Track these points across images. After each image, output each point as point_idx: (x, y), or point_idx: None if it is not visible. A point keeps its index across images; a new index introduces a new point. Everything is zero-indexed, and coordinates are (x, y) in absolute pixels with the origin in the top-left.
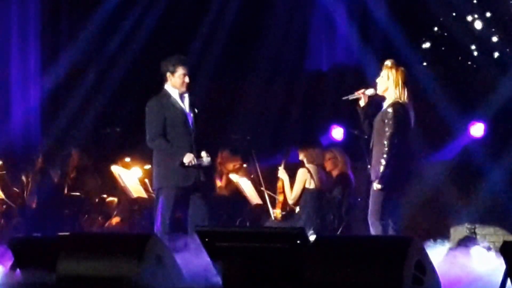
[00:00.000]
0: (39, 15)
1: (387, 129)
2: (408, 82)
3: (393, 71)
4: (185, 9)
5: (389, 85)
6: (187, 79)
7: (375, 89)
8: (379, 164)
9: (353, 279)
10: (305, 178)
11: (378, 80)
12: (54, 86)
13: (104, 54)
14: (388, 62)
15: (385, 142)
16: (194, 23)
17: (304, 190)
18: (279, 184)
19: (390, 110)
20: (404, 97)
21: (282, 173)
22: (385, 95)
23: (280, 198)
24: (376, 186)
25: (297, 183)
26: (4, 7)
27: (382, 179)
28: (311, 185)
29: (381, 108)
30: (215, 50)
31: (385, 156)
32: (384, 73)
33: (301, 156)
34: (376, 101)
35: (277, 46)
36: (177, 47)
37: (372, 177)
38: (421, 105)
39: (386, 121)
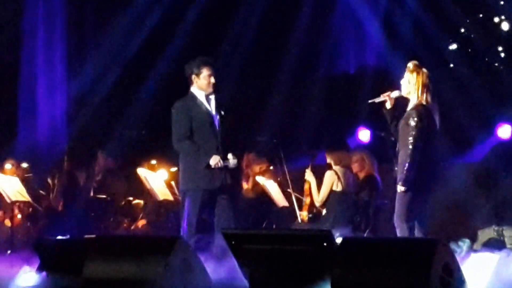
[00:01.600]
0: (64, 19)
1: (410, 131)
2: (431, 84)
3: (415, 73)
4: (212, 11)
5: (412, 88)
6: (212, 80)
7: (401, 91)
8: (404, 166)
9: (380, 281)
10: (332, 181)
11: (402, 83)
12: (80, 89)
13: (130, 58)
14: (410, 65)
15: (409, 145)
16: (221, 25)
17: (331, 192)
18: (306, 186)
19: (413, 113)
20: (428, 99)
21: (309, 176)
22: (409, 97)
23: (307, 200)
24: (399, 188)
25: (324, 185)
26: (31, 12)
27: (406, 182)
28: (338, 187)
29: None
30: (243, 52)
31: (408, 158)
32: (406, 76)
33: (328, 159)
34: (402, 103)
35: (305, 48)
36: (204, 49)
37: (398, 179)
38: (448, 107)
39: (409, 123)
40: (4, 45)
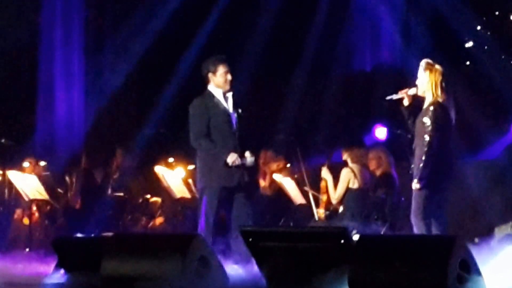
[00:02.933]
0: (83, 11)
1: (426, 129)
2: (446, 80)
3: (428, 71)
4: (230, 9)
5: (426, 86)
6: (229, 76)
7: (418, 89)
8: (420, 163)
9: (397, 278)
10: (348, 178)
11: (417, 83)
12: (98, 88)
13: (149, 55)
14: (422, 63)
15: (425, 142)
16: (239, 23)
17: (348, 189)
18: (323, 184)
19: (429, 110)
20: (443, 96)
21: (325, 173)
22: (425, 95)
23: (323, 198)
24: (415, 185)
25: (341, 182)
26: (48, 7)
27: (421, 179)
28: (354, 184)
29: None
30: (259, 50)
31: (424, 156)
32: (420, 74)
33: (345, 156)
34: (419, 101)
35: (321, 47)
36: (222, 48)
37: (414, 176)
38: (463, 104)
39: (425, 121)
40: (22, 41)
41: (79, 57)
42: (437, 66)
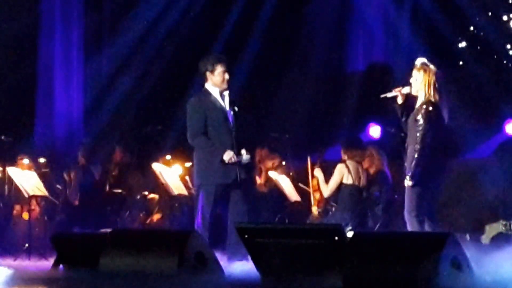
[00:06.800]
0: (82, 5)
1: (418, 127)
2: (440, 80)
3: (423, 71)
4: (225, 8)
5: (419, 85)
6: (227, 76)
7: (411, 88)
8: (412, 161)
9: (390, 274)
10: (342, 173)
11: (411, 81)
12: (97, 84)
13: (146, 51)
14: (417, 63)
15: (417, 141)
16: (234, 22)
17: (342, 185)
18: (314, 182)
19: (421, 109)
20: (436, 96)
21: (317, 171)
22: (418, 95)
23: (316, 195)
24: (407, 183)
25: (334, 176)
26: (47, 4)
27: (413, 176)
28: (348, 180)
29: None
30: (254, 50)
31: (416, 154)
32: (414, 73)
33: (344, 156)
34: (413, 99)
35: (315, 45)
36: (217, 45)
37: (407, 174)
38: (457, 103)
39: (417, 120)
40: (21, 36)
41: (78, 54)
42: (432, 67)
